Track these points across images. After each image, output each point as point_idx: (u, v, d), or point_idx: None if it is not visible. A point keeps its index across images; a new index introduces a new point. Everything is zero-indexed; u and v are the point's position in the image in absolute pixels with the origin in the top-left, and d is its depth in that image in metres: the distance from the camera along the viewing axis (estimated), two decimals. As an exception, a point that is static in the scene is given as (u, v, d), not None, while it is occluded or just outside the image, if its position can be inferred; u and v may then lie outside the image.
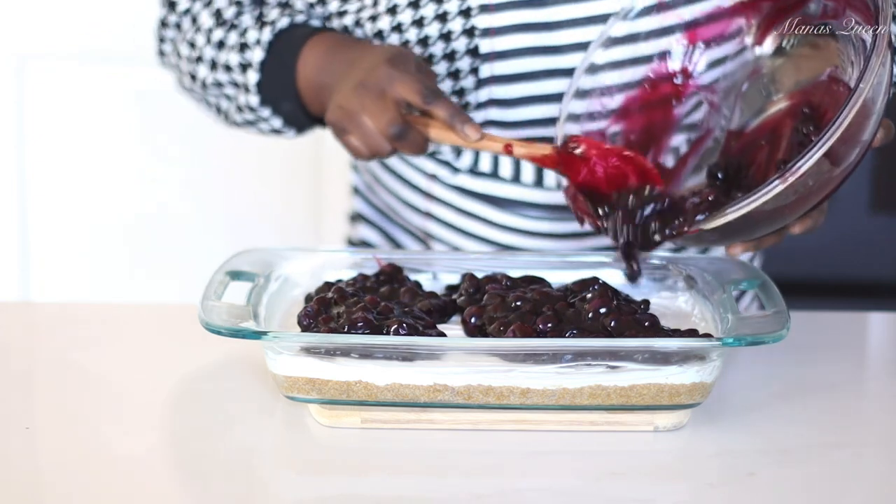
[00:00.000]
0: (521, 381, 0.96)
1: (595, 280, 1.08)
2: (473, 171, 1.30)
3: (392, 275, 1.12)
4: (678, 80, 1.20)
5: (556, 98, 1.21)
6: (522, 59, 1.21)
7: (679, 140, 1.22)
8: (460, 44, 1.21)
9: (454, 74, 1.22)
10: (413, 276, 1.13)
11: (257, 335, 0.96)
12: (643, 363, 0.96)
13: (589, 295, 1.03)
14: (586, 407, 0.97)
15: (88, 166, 2.33)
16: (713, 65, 1.20)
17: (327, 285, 1.09)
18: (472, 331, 1.02)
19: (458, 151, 1.29)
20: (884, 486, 0.93)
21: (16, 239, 2.37)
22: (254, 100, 1.25)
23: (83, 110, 2.28)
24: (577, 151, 1.12)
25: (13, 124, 2.31)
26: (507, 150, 1.12)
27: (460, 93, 1.23)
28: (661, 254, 1.14)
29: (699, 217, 1.07)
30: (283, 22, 1.24)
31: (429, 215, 1.33)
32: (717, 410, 1.02)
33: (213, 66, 1.26)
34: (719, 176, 1.15)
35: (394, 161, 1.34)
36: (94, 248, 2.36)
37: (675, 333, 1.01)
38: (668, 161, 1.21)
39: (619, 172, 1.13)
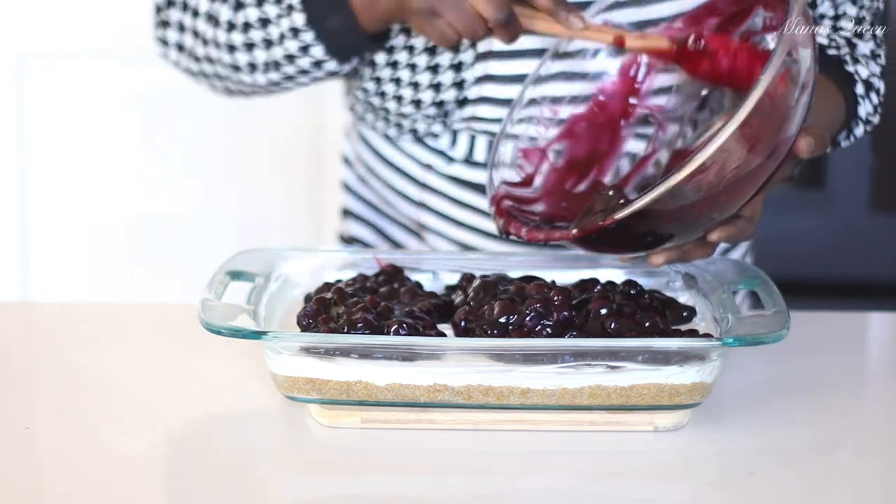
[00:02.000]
0: (521, 381, 0.96)
1: (595, 281, 1.08)
2: (469, 160, 1.29)
3: (392, 275, 1.12)
4: (626, 99, 1.20)
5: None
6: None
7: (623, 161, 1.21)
8: None
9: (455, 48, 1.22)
10: (413, 276, 1.13)
11: (257, 335, 0.96)
12: (643, 363, 0.96)
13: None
14: (586, 407, 0.97)
15: (88, 166, 2.33)
16: (662, 84, 1.19)
17: (327, 285, 1.09)
18: (462, 334, 1.02)
19: (453, 140, 1.29)
20: (884, 486, 0.93)
21: (16, 239, 2.37)
22: (299, 19, 1.21)
23: (83, 110, 2.28)
24: (701, 46, 1.11)
25: (13, 124, 2.31)
26: (619, 41, 1.11)
27: (458, 67, 1.23)
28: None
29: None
30: None
31: (423, 206, 1.33)
32: (717, 410, 1.02)
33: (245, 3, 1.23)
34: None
35: (389, 151, 1.34)
36: (94, 248, 2.36)
37: (676, 334, 1.01)
38: (611, 180, 1.20)
39: (747, 66, 1.10)
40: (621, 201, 1.04)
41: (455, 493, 0.91)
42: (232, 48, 1.25)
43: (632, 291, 1.06)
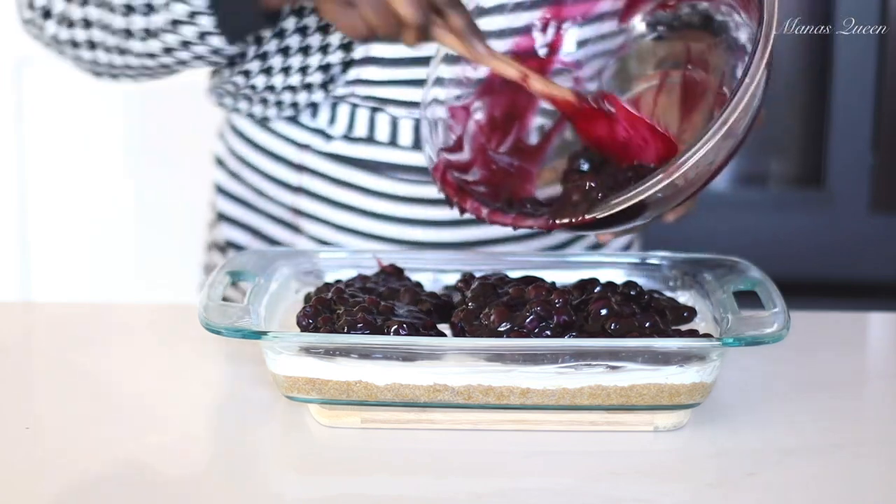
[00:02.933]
0: (521, 381, 0.96)
1: (595, 281, 1.08)
2: (348, 136, 1.28)
3: (392, 275, 1.12)
4: (542, 54, 1.19)
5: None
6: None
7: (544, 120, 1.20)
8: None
9: (324, 49, 1.22)
10: (413, 276, 1.13)
11: (257, 335, 0.96)
12: (643, 363, 0.96)
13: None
14: (586, 407, 0.97)
15: (88, 166, 2.33)
16: (580, 42, 1.19)
17: (327, 285, 1.09)
18: (460, 334, 1.02)
19: (332, 116, 1.27)
20: (884, 486, 0.93)
21: (16, 239, 2.37)
22: None
23: (83, 110, 2.28)
24: (606, 108, 1.09)
25: (13, 125, 2.31)
26: (524, 80, 1.09)
27: (326, 68, 1.22)
28: (660, 253, 1.14)
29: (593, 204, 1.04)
30: None
31: (300, 190, 1.31)
32: (717, 410, 1.02)
33: None
34: (584, 167, 1.13)
35: (263, 137, 1.32)
36: (94, 248, 2.36)
37: (676, 334, 1.01)
38: (533, 139, 1.19)
39: (641, 145, 1.09)
40: (599, 195, 1.04)
41: (455, 493, 0.91)
42: (112, 9, 1.20)
43: (632, 293, 1.06)
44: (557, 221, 1.04)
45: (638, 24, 1.19)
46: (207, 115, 2.21)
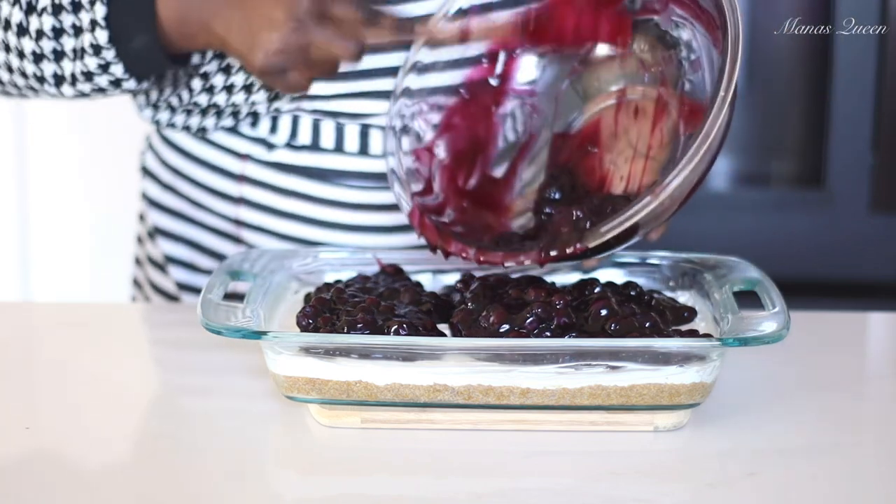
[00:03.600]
0: (521, 381, 0.96)
1: (595, 281, 1.08)
2: (291, 144, 1.25)
3: (392, 275, 1.12)
4: (494, 84, 1.19)
5: (374, 94, 1.20)
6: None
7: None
8: None
9: None
10: (413, 276, 1.13)
11: (257, 335, 0.96)
12: (643, 363, 0.96)
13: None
14: (586, 407, 0.97)
15: (88, 166, 2.33)
16: (533, 68, 1.19)
17: (327, 285, 1.09)
18: (459, 335, 1.02)
19: (273, 125, 1.25)
20: (884, 486, 0.93)
21: (16, 239, 2.37)
22: (102, 36, 1.13)
23: (83, 110, 2.28)
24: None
25: (13, 125, 2.31)
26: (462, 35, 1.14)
27: None
28: (660, 253, 1.14)
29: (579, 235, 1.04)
30: None
31: (241, 200, 1.27)
32: (717, 410, 1.02)
33: (40, 10, 1.14)
34: (555, 196, 1.14)
35: (200, 148, 1.29)
36: (94, 248, 2.36)
37: (676, 333, 1.01)
38: (499, 171, 1.20)
39: (592, 23, 1.13)
40: (588, 225, 1.05)
41: (455, 493, 0.91)
42: (21, 54, 1.17)
43: (632, 293, 1.06)
44: (551, 254, 1.04)
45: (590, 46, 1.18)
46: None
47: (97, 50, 1.14)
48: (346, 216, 1.26)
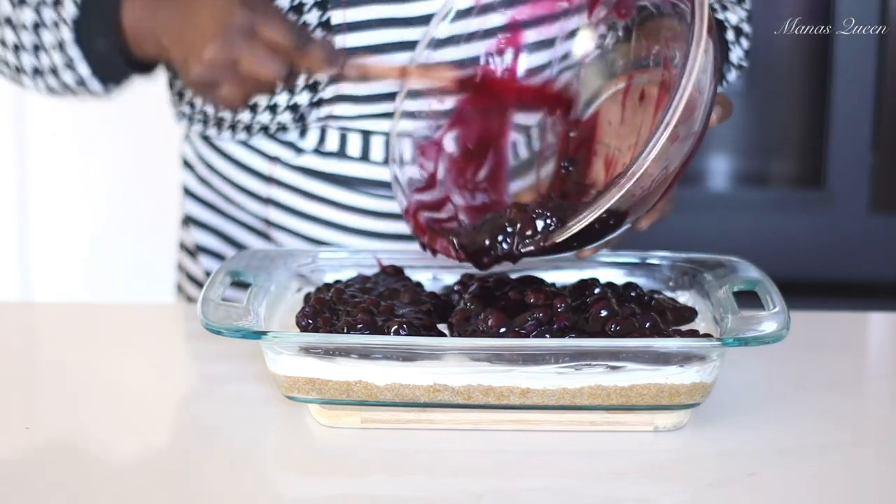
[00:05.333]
0: (521, 381, 0.96)
1: (595, 281, 1.08)
2: (319, 150, 1.27)
3: (392, 275, 1.12)
4: (503, 80, 1.20)
5: None
6: (374, 31, 1.20)
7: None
8: (312, 16, 1.19)
9: None
10: (413, 276, 1.13)
11: (257, 335, 0.96)
12: (643, 363, 0.96)
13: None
14: (586, 407, 0.97)
15: (88, 166, 2.33)
16: (538, 62, 1.20)
17: (327, 285, 1.09)
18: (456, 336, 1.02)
19: (302, 132, 1.27)
20: (884, 486, 0.93)
21: (16, 239, 2.37)
22: (67, 35, 1.19)
23: (83, 110, 2.28)
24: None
25: (13, 125, 2.31)
26: (402, 76, 1.15)
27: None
28: (660, 253, 1.14)
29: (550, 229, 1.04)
30: None
31: (270, 202, 1.30)
32: (717, 410, 1.02)
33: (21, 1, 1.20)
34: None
35: (232, 147, 1.31)
36: (94, 248, 2.36)
37: (676, 334, 1.01)
38: (510, 161, 1.21)
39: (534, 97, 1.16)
40: (554, 220, 1.04)
41: (455, 493, 0.91)
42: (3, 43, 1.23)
43: (632, 293, 1.06)
44: (522, 251, 1.04)
45: (595, 33, 1.18)
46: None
47: (63, 47, 1.19)
48: (371, 223, 1.28)
